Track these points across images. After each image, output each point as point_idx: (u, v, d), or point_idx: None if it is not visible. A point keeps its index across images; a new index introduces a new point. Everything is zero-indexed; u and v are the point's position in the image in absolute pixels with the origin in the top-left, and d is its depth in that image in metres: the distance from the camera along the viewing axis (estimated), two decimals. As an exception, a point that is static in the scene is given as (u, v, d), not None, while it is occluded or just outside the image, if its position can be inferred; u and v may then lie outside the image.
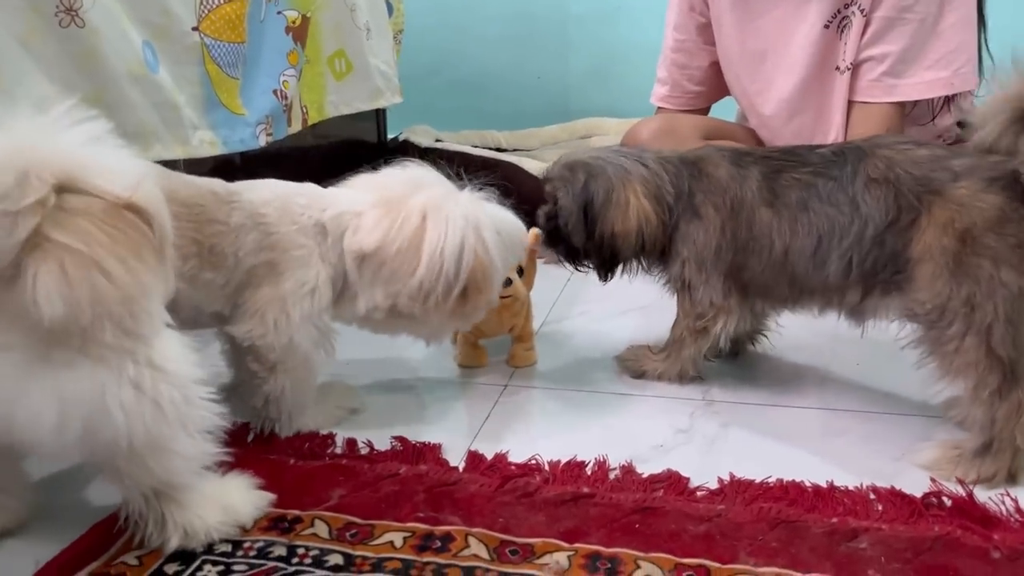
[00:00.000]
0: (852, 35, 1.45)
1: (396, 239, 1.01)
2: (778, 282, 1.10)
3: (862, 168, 1.03)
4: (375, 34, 1.89)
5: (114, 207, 0.74)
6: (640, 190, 1.13)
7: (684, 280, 1.15)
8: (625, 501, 0.93)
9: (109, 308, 0.72)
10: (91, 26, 1.10)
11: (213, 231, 0.98)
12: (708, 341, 1.17)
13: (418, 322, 1.08)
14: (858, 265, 1.03)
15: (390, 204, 1.03)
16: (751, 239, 1.10)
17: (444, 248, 1.01)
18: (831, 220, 1.04)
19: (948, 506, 0.91)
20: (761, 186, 1.09)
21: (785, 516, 0.89)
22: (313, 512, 0.92)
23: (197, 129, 1.33)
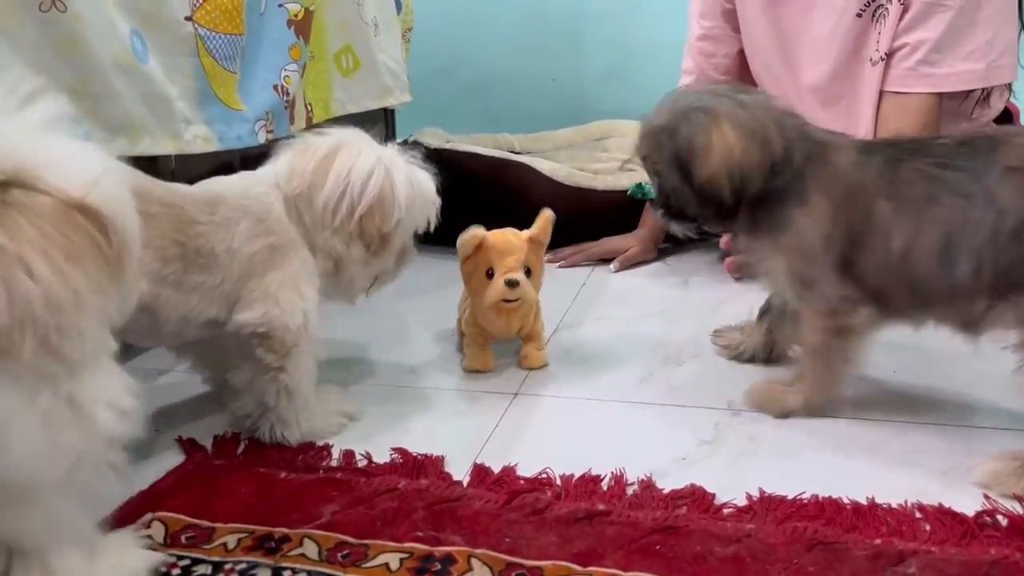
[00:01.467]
0: (888, 25, 1.38)
1: (308, 165, 1.02)
2: (896, 287, 0.99)
3: (997, 157, 0.93)
4: (383, 30, 1.83)
5: (63, 207, 0.65)
6: (727, 125, 0.99)
7: (798, 276, 1.02)
8: (644, 520, 0.84)
9: (31, 312, 0.62)
10: (74, 11, 1.04)
11: (197, 231, 0.94)
12: (852, 340, 1.03)
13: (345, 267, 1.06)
14: (991, 263, 0.92)
15: (302, 150, 1.04)
16: (866, 232, 0.98)
17: (351, 170, 1.01)
18: (962, 213, 0.93)
19: (1004, 526, 0.82)
20: (881, 175, 0.98)
21: (822, 537, 0.81)
22: (302, 530, 0.84)
23: (190, 124, 1.27)
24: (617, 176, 1.93)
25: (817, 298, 1.02)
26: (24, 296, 0.62)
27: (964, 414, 1.05)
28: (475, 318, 1.23)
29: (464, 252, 1.20)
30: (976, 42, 1.34)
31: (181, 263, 0.93)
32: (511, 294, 1.17)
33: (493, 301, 1.18)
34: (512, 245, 1.19)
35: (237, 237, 0.97)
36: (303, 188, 1.02)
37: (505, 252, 1.18)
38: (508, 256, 1.18)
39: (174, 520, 0.87)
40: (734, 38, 1.61)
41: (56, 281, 0.63)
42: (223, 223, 0.96)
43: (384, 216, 1.03)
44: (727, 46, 1.62)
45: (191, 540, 0.84)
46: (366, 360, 1.31)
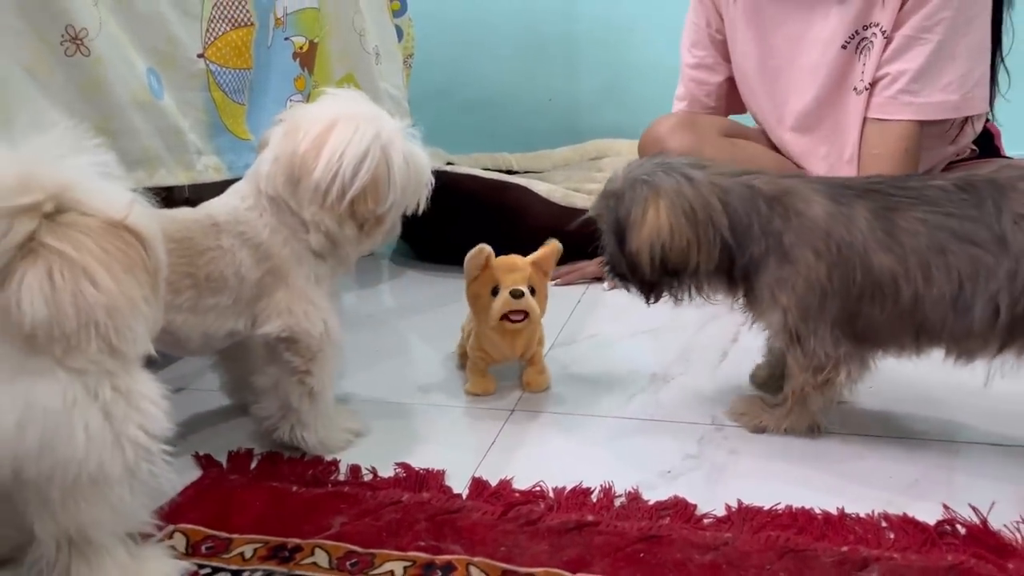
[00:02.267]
0: (872, 56, 1.44)
1: (301, 143, 1.01)
2: (903, 331, 1.01)
3: (1006, 204, 0.95)
4: (384, 58, 1.90)
5: (109, 226, 0.74)
6: (664, 204, 1.03)
7: (790, 331, 1.05)
8: (630, 529, 0.91)
9: (94, 316, 0.72)
10: (96, 55, 1.11)
11: (206, 260, 0.99)
12: (835, 392, 1.07)
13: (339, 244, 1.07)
14: (1008, 309, 0.94)
15: (297, 123, 1.03)
16: (869, 287, 0.99)
17: (346, 151, 0.99)
18: (974, 261, 0.95)
19: (962, 534, 0.88)
20: (873, 227, 0.99)
21: (794, 545, 0.87)
22: (313, 540, 0.91)
23: (202, 154, 1.34)
24: (611, 196, 1.99)
25: (804, 354, 1.05)
26: (89, 302, 0.71)
27: (935, 429, 1.11)
28: (479, 342, 1.26)
29: (471, 270, 1.22)
30: (953, 74, 1.41)
31: (194, 291, 0.99)
32: (516, 305, 1.20)
33: (497, 315, 1.20)
34: (517, 265, 1.23)
35: (242, 265, 1.02)
36: (289, 171, 1.01)
37: (510, 270, 1.22)
38: (513, 273, 1.22)
39: (194, 531, 0.94)
40: (724, 66, 1.67)
41: (116, 289, 0.73)
42: (228, 250, 1.01)
43: (378, 199, 1.03)
44: (718, 74, 1.68)
45: (211, 550, 0.91)
46: (369, 377, 1.37)
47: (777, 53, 1.56)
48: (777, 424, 1.11)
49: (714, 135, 1.58)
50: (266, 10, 1.47)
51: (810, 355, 1.04)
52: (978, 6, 1.40)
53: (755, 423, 1.12)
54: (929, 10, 1.38)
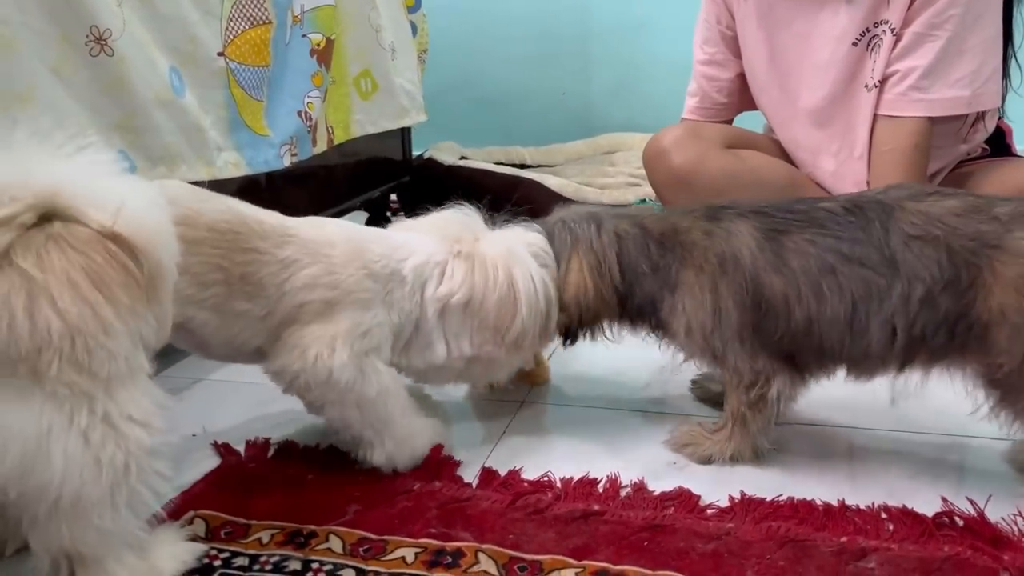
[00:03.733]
0: (882, 53, 1.45)
1: (494, 290, 1.04)
2: (804, 351, 1.01)
3: (894, 224, 0.95)
4: (400, 54, 1.93)
5: (97, 237, 0.73)
6: (584, 263, 1.07)
7: (705, 352, 1.05)
8: (635, 519, 0.94)
9: (50, 339, 0.70)
10: (120, 54, 1.14)
11: (247, 259, 0.94)
12: (770, 409, 1.04)
13: (495, 364, 1.10)
14: (904, 331, 0.94)
15: (469, 257, 1.06)
16: (763, 305, 0.99)
17: (538, 289, 1.05)
18: (866, 283, 0.95)
19: (960, 526, 0.90)
20: (762, 247, 0.99)
21: (794, 535, 0.89)
22: (328, 527, 0.94)
23: (222, 151, 1.37)
24: (624, 191, 2.02)
25: (731, 371, 1.04)
26: (44, 325, 0.69)
27: (936, 423, 1.13)
28: None
29: None
30: (964, 70, 1.41)
31: (224, 288, 0.94)
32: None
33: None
34: None
35: (295, 280, 0.96)
36: (470, 310, 1.05)
37: None
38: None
39: (213, 517, 0.97)
40: (735, 63, 1.68)
41: (79, 310, 0.71)
42: (283, 262, 0.96)
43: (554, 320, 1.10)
44: (729, 71, 1.69)
45: (229, 535, 0.94)
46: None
47: (787, 50, 1.56)
48: (721, 451, 1.07)
49: (718, 147, 1.59)
50: (284, 8, 1.50)
51: (735, 372, 1.03)
52: (988, 2, 1.40)
53: (700, 453, 1.08)
54: (938, 7, 1.39)
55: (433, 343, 1.06)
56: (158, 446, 0.79)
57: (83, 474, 0.73)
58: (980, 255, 0.92)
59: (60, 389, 0.72)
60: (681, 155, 1.56)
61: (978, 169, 1.59)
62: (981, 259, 0.92)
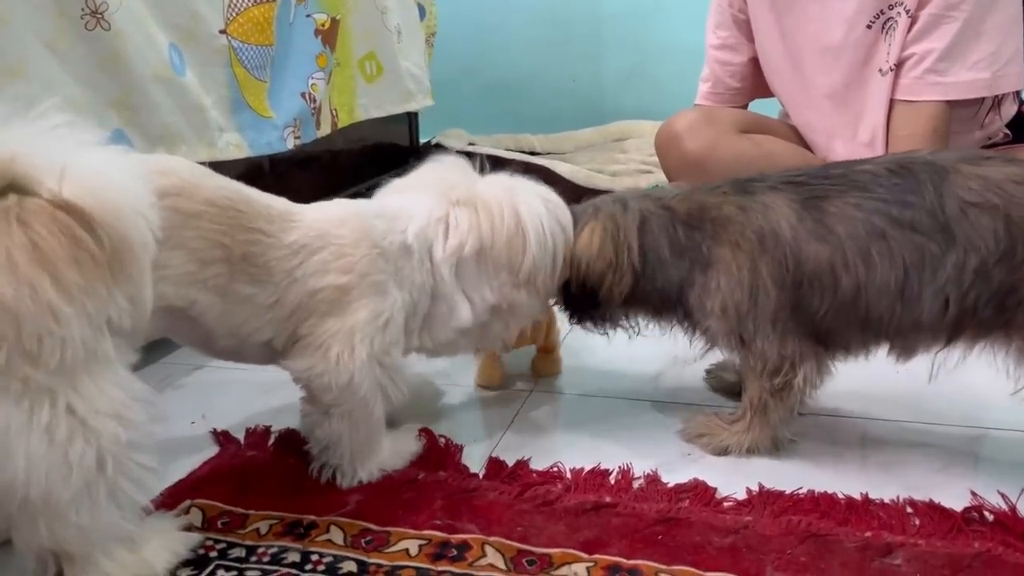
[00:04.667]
0: (897, 36, 1.41)
1: (503, 229, 0.98)
2: (848, 325, 0.95)
3: (948, 188, 0.89)
4: (406, 36, 1.89)
5: (47, 208, 0.66)
6: (598, 227, 1.03)
7: (733, 336, 0.99)
8: (648, 511, 0.90)
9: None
10: (116, 28, 1.11)
11: (250, 239, 0.88)
12: (795, 398, 0.99)
13: (515, 311, 1.03)
14: (956, 302, 0.89)
15: (470, 202, 0.99)
16: (805, 278, 0.94)
17: (545, 226, 1.00)
18: (919, 250, 0.89)
19: (990, 521, 0.86)
20: (802, 218, 0.94)
21: (815, 529, 0.85)
22: (329, 518, 0.91)
23: (223, 132, 1.34)
24: (635, 178, 1.98)
25: (756, 356, 0.99)
26: None
27: (964, 414, 1.09)
28: None
29: None
30: (982, 52, 1.37)
31: (225, 267, 0.87)
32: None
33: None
34: None
35: (306, 266, 0.90)
36: (482, 255, 0.99)
37: None
38: None
39: (211, 507, 0.93)
40: (748, 47, 1.64)
41: (15, 292, 0.64)
42: (290, 247, 0.90)
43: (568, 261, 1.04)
44: (742, 55, 1.66)
45: (226, 525, 0.91)
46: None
47: (799, 33, 1.53)
48: (739, 442, 1.02)
49: (731, 132, 1.55)
50: (288, -14, 1.46)
51: (761, 357, 0.98)
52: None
53: (716, 444, 1.04)
54: None
55: (456, 305, 1.00)
56: (138, 439, 0.74)
57: (50, 474, 0.68)
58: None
59: (13, 384, 0.66)
60: (694, 140, 1.53)
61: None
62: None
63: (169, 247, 0.82)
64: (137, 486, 0.75)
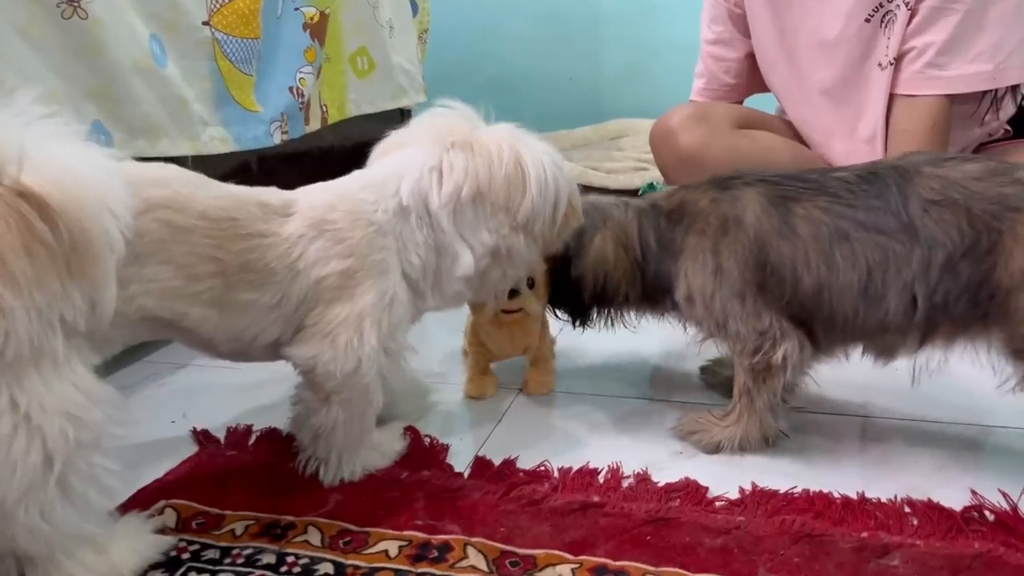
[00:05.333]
0: (896, 29, 1.38)
1: (501, 168, 0.92)
2: (815, 322, 0.95)
3: (911, 190, 0.90)
4: (398, 32, 1.86)
5: (7, 195, 0.63)
6: (609, 234, 1.04)
7: (707, 320, 0.99)
8: (637, 511, 0.87)
9: None
10: (94, 17, 1.08)
11: (247, 246, 0.85)
12: (778, 379, 0.96)
13: (513, 257, 0.97)
14: (925, 299, 0.89)
15: (466, 144, 0.94)
16: (765, 262, 0.94)
17: (546, 168, 0.95)
18: (882, 249, 0.90)
19: (990, 521, 0.83)
20: (768, 212, 0.95)
21: (809, 529, 0.82)
22: (307, 518, 0.88)
23: (208, 125, 1.31)
24: (630, 175, 1.95)
25: (732, 337, 0.98)
26: None
27: (964, 412, 1.06)
28: (476, 334, 1.16)
29: None
30: (983, 44, 1.34)
31: (220, 280, 0.84)
32: (510, 304, 1.09)
33: (493, 311, 1.10)
34: None
35: (306, 257, 0.87)
36: (481, 197, 0.93)
37: None
38: None
39: (185, 507, 0.91)
40: (744, 42, 1.61)
41: None
42: (289, 239, 0.87)
43: (575, 208, 1.00)
44: (737, 50, 1.63)
45: (201, 526, 0.88)
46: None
47: (796, 27, 1.50)
48: (731, 436, 1.00)
49: (727, 127, 1.52)
50: (274, -22, 1.44)
51: (738, 338, 0.97)
52: None
53: (707, 440, 1.01)
54: None
55: (458, 254, 0.95)
56: (92, 439, 0.70)
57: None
58: (1001, 218, 0.87)
59: None
60: (688, 136, 1.50)
61: (1000, 152, 1.52)
62: (1002, 223, 0.87)
63: (156, 261, 0.81)
64: (95, 487, 0.71)
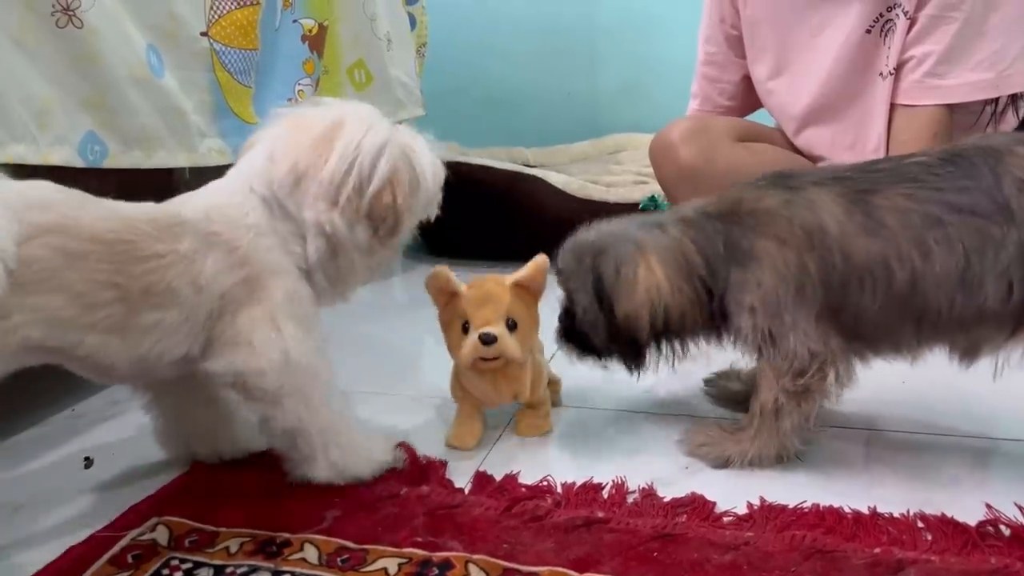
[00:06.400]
0: (896, 38, 1.37)
1: (308, 139, 0.88)
2: (901, 322, 0.90)
3: (1004, 169, 0.86)
4: (396, 45, 1.85)
5: None
6: (654, 260, 0.94)
7: (761, 332, 0.92)
8: (643, 527, 0.84)
9: None
10: (90, 27, 1.07)
11: (146, 268, 0.81)
12: (815, 404, 0.94)
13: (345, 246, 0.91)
14: (1021, 285, 0.85)
15: (293, 124, 0.91)
16: (854, 275, 0.89)
17: (361, 142, 0.88)
18: (979, 233, 0.85)
19: (1006, 536, 0.81)
20: (851, 213, 0.89)
21: (821, 545, 0.80)
22: (304, 535, 0.85)
23: (205, 137, 1.29)
24: (630, 189, 1.94)
25: (782, 355, 0.92)
26: None
27: (976, 425, 1.04)
28: (459, 378, 1.07)
29: (433, 295, 1.05)
30: (984, 52, 1.33)
31: (121, 306, 0.80)
32: (487, 352, 0.99)
33: (468, 361, 1.01)
34: (490, 294, 1.01)
35: (205, 273, 0.85)
36: (296, 169, 0.88)
37: (481, 303, 1.01)
38: (484, 307, 1.00)
39: (178, 524, 0.88)
40: (738, 64, 1.60)
41: None
42: (186, 255, 0.84)
43: (401, 193, 0.91)
44: (730, 72, 1.61)
45: (194, 543, 0.85)
46: (377, 370, 1.32)
47: (800, 46, 1.49)
48: (742, 451, 0.97)
49: (727, 140, 1.51)
50: (272, -11, 1.43)
51: (789, 355, 0.92)
52: None
53: (717, 453, 0.98)
54: None
55: (310, 238, 0.90)
56: None
57: None
58: None
59: None
60: (689, 149, 1.49)
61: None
62: None
63: (46, 290, 0.76)
64: None
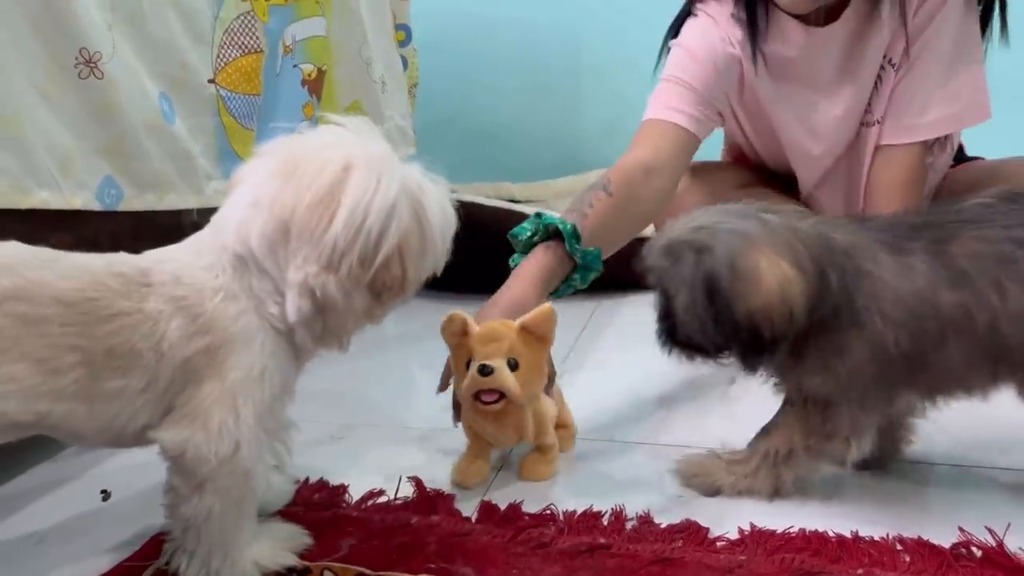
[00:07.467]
0: (884, 89, 1.44)
1: (306, 193, 0.79)
2: (980, 364, 0.91)
3: None
4: (390, 87, 1.91)
5: None
6: (769, 251, 0.89)
7: (824, 394, 0.95)
8: (643, 552, 0.90)
9: None
10: (110, 78, 1.12)
11: (111, 329, 0.76)
12: (821, 463, 0.98)
13: (336, 312, 0.83)
14: None
15: (288, 169, 0.81)
16: (940, 332, 0.89)
17: (372, 201, 0.79)
18: None
19: (978, 557, 0.87)
20: (934, 267, 0.89)
21: (808, 567, 0.86)
22: (322, 563, 0.90)
23: (211, 179, 1.34)
24: (615, 224, 2.00)
25: (824, 419, 0.95)
26: None
27: (951, 454, 1.10)
28: (467, 418, 1.09)
29: (447, 339, 1.06)
30: (949, 87, 1.39)
31: (85, 371, 0.76)
32: (485, 383, 0.99)
33: (467, 394, 1.02)
34: (496, 333, 1.02)
35: (168, 337, 0.78)
36: (284, 227, 0.79)
37: (488, 340, 1.02)
38: (488, 344, 1.01)
39: (201, 554, 0.92)
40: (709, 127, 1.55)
41: None
42: (151, 316, 0.78)
43: (411, 260, 0.84)
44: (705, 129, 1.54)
45: (218, 573, 0.89)
46: (372, 403, 1.37)
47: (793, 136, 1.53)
48: (734, 484, 1.00)
49: (729, 188, 1.58)
50: (275, 37, 1.49)
51: (830, 421, 0.95)
52: (970, 21, 1.39)
53: (709, 483, 1.02)
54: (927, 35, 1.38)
55: (291, 297, 0.81)
56: None
57: None
58: None
59: None
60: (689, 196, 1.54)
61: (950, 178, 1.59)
62: None
63: (11, 360, 0.73)
64: None
